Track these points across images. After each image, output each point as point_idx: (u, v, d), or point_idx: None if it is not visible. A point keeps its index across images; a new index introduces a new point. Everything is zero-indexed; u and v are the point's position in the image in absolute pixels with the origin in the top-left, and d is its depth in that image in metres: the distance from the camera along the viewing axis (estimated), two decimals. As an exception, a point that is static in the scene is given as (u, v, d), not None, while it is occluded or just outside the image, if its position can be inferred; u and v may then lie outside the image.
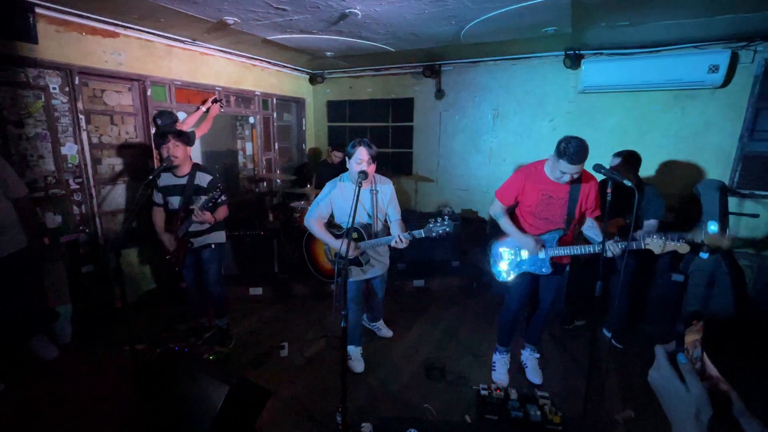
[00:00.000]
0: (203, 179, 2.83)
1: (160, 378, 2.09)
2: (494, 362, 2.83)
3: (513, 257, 2.55)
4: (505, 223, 2.49)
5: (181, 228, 2.83)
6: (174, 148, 2.68)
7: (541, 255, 2.42)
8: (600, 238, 2.36)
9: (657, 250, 2.20)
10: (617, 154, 2.97)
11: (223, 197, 2.79)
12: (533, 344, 2.82)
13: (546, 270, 2.44)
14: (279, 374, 2.77)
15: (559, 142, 2.17)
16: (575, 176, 2.22)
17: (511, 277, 2.56)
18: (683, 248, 2.18)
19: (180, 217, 2.83)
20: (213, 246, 2.96)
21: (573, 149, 2.10)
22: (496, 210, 2.54)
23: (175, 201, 2.84)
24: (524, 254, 2.50)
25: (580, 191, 2.34)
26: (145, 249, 3.91)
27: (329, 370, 2.79)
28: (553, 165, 2.26)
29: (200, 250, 2.95)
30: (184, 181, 2.81)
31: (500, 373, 2.76)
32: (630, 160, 2.91)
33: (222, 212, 2.88)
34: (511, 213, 2.58)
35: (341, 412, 2.04)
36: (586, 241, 2.50)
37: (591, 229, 2.46)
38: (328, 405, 2.42)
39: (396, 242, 2.35)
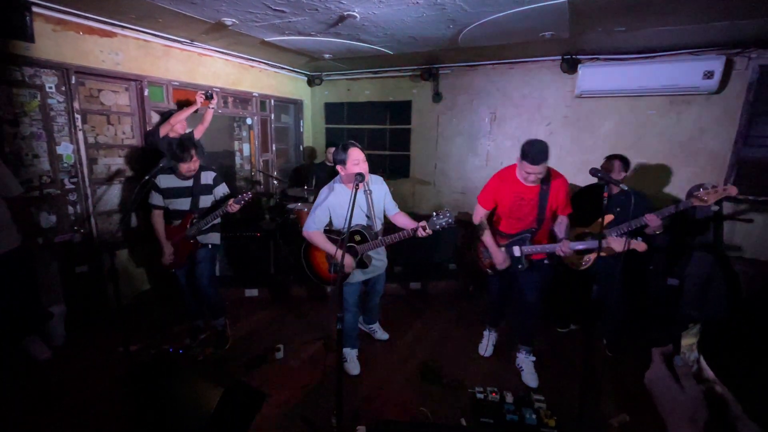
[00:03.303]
0: (208, 177, 2.95)
1: (154, 380, 2.07)
2: (483, 337, 3.14)
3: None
4: (485, 236, 2.69)
5: (191, 228, 2.88)
6: (195, 163, 2.82)
7: (516, 253, 2.62)
8: (563, 236, 2.57)
9: (618, 248, 2.42)
10: (614, 157, 2.99)
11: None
12: (527, 345, 2.83)
13: (522, 266, 2.63)
14: (274, 377, 2.76)
15: (522, 145, 2.37)
16: (539, 176, 2.39)
17: (495, 272, 2.76)
18: (640, 246, 2.37)
19: (191, 218, 2.90)
20: (210, 246, 2.99)
21: (534, 151, 2.30)
22: (478, 218, 2.72)
23: (183, 202, 2.90)
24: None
25: (550, 191, 2.50)
26: (141, 249, 3.89)
27: (325, 372, 2.78)
28: (519, 167, 2.44)
29: (196, 250, 2.96)
30: (190, 183, 2.89)
31: (484, 346, 3.09)
32: (626, 162, 2.97)
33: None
34: (490, 216, 2.79)
35: (336, 415, 2.03)
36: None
37: (558, 225, 2.65)
38: (324, 408, 2.41)
39: (420, 231, 2.32)
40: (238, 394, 1.94)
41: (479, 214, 2.71)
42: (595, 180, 3.02)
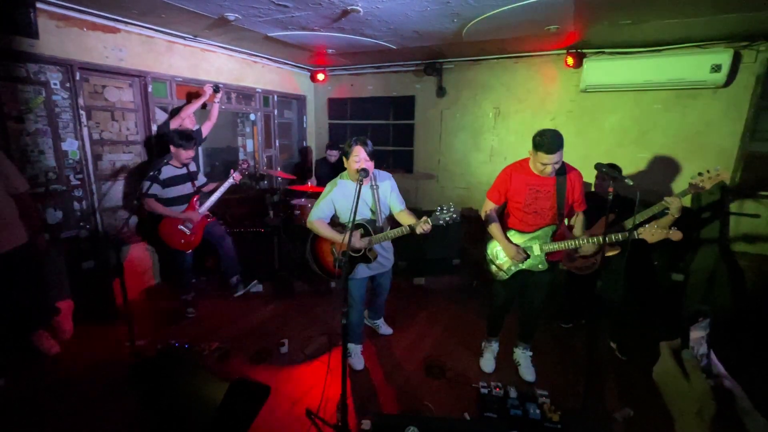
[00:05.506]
0: (193, 165, 3.53)
1: (160, 374, 2.09)
2: (482, 349, 2.94)
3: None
4: (493, 229, 2.54)
5: (203, 206, 3.44)
6: (193, 152, 3.36)
7: (536, 251, 2.45)
8: (580, 233, 2.46)
9: (650, 239, 2.26)
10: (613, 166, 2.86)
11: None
12: (526, 342, 2.82)
13: (542, 266, 2.46)
14: (279, 371, 2.78)
15: (534, 137, 2.26)
16: (556, 166, 2.27)
17: (508, 275, 2.56)
18: (676, 235, 2.22)
19: (198, 197, 3.45)
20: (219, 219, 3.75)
21: (548, 139, 2.19)
22: (487, 212, 2.59)
23: (186, 187, 3.41)
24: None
25: (567, 183, 2.38)
26: (148, 244, 3.91)
27: (329, 367, 2.79)
28: (534, 160, 2.34)
29: (212, 227, 3.59)
30: (185, 170, 3.40)
31: (486, 360, 2.85)
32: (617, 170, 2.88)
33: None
34: (501, 213, 2.63)
35: (341, 409, 2.04)
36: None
37: (576, 222, 2.55)
38: (328, 402, 2.42)
39: (421, 228, 2.29)
40: (244, 388, 1.95)
41: (487, 209, 2.58)
42: (596, 180, 3.05)
